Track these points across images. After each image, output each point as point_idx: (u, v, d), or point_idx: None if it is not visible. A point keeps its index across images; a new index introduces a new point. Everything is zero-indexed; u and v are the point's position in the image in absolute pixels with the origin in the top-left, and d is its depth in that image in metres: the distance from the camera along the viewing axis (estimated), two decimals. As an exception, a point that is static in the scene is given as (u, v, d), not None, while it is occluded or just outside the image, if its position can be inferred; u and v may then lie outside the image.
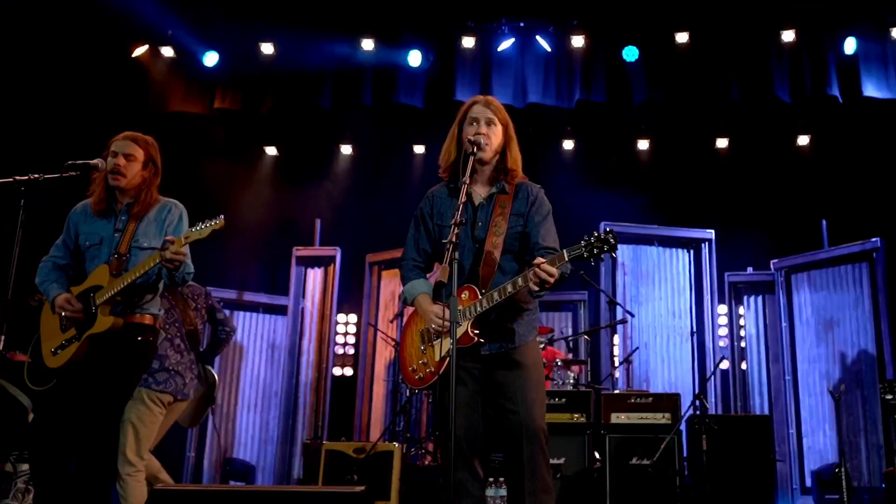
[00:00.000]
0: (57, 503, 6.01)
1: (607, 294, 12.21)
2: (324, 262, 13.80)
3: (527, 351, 5.59)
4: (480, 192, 5.77)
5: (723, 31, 13.15)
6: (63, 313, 6.30)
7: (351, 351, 13.90)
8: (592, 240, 5.05)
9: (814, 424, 12.25)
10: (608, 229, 5.04)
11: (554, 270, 5.07)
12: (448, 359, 5.26)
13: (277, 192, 15.04)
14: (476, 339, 5.40)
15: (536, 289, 5.18)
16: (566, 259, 5.10)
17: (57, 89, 12.93)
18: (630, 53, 13.12)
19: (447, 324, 5.20)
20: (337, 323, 13.76)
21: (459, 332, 5.32)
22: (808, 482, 12.01)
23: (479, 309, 5.38)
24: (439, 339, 5.51)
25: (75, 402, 6.14)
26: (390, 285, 13.75)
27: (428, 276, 5.81)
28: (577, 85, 13.29)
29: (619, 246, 11.87)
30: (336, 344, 13.73)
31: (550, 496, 5.40)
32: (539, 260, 5.09)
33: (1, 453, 8.59)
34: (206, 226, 6.09)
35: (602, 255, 5.07)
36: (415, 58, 13.27)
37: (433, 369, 5.52)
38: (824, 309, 12.41)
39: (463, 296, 5.41)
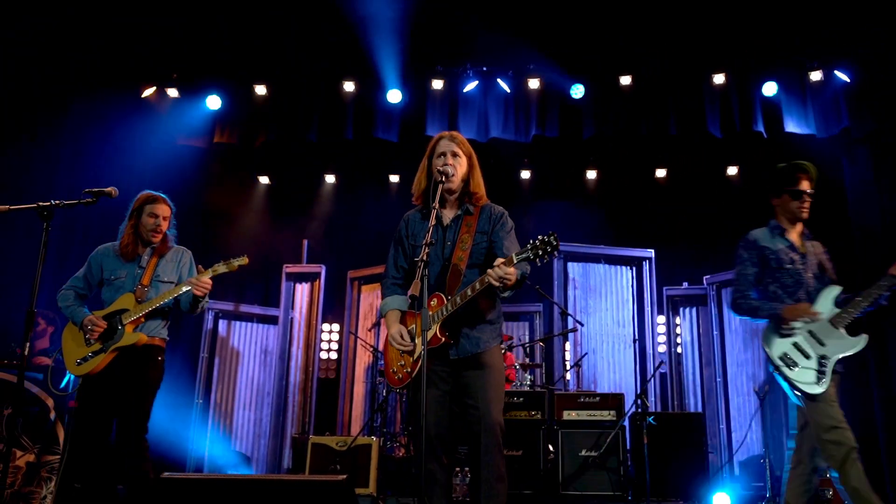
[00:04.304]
0: (91, 477, 6.93)
1: (560, 306, 12.27)
2: (310, 277, 13.79)
3: (490, 356, 5.66)
4: (449, 215, 5.87)
5: (662, 74, 13.21)
6: (90, 326, 6.98)
7: (334, 356, 13.87)
8: (537, 243, 5.13)
9: (741, 421, 12.30)
10: (551, 233, 5.13)
11: (510, 270, 5.17)
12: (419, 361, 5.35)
13: (269, 217, 15.03)
14: (444, 339, 5.49)
15: (497, 284, 5.25)
16: (515, 261, 5.18)
17: (74, 123, 12.94)
18: (576, 90, 13.21)
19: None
20: (322, 331, 13.72)
21: (429, 334, 5.42)
22: (737, 471, 12.06)
23: (445, 312, 5.48)
24: (413, 346, 5.59)
25: (104, 403, 7.01)
26: (369, 298, 13.78)
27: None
28: (533, 122, 13.31)
29: (570, 264, 11.81)
30: (321, 350, 13.68)
31: (503, 484, 5.48)
32: (499, 260, 5.21)
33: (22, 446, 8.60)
34: (232, 262, 7.26)
35: (546, 256, 5.14)
36: (395, 96, 13.33)
37: (409, 370, 5.59)
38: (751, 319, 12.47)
39: (432, 303, 5.51)
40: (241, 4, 12.66)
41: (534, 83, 13.32)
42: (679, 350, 13.28)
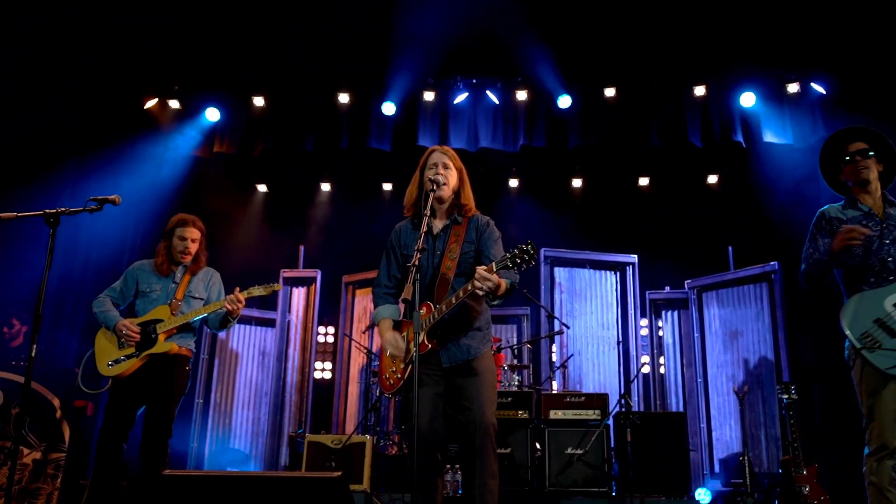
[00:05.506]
0: (111, 474, 7.16)
1: (546, 309, 12.29)
2: (306, 282, 13.80)
3: (482, 361, 5.70)
4: (438, 225, 5.91)
5: (644, 87, 13.27)
6: (125, 331, 7.35)
7: (329, 357, 13.91)
8: (516, 251, 5.14)
9: (721, 420, 12.32)
10: (528, 242, 5.14)
11: (490, 276, 5.19)
12: (411, 365, 5.39)
13: (267, 223, 15.04)
14: (431, 346, 5.55)
15: (480, 293, 5.31)
16: (495, 269, 5.20)
17: (81, 136, 12.94)
18: (564, 101, 13.27)
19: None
20: (317, 334, 13.73)
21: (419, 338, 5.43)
22: (717, 468, 12.09)
23: (432, 320, 5.52)
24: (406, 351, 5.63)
25: (131, 402, 7.36)
26: (363, 302, 13.77)
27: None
28: (521, 132, 13.37)
29: (556, 269, 11.85)
30: (317, 351, 13.71)
31: (495, 481, 5.51)
32: (480, 268, 5.23)
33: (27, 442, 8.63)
34: (267, 287, 7.80)
35: (524, 264, 5.15)
36: (388, 108, 13.38)
37: (400, 375, 5.65)
38: (730, 322, 12.50)
39: (421, 311, 5.49)
40: (239, 17, 12.68)
41: (521, 95, 13.38)
42: (661, 352, 13.31)
